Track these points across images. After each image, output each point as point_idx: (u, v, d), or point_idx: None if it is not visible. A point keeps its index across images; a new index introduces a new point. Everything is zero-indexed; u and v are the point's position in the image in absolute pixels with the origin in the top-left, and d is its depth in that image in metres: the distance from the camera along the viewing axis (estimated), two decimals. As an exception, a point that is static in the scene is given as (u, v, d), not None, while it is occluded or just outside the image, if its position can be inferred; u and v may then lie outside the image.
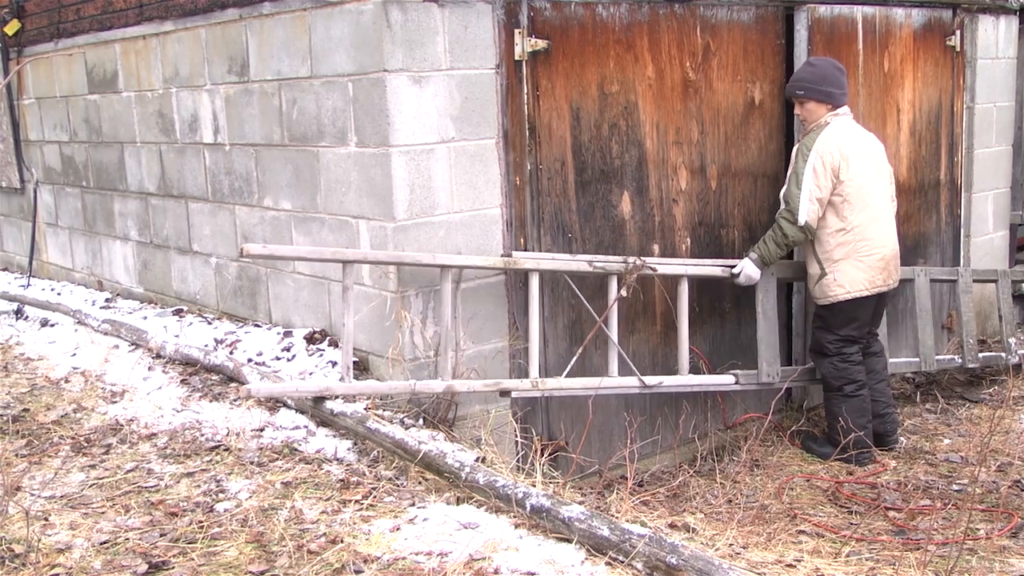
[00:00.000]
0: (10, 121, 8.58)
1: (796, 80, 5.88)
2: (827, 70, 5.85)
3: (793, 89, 5.87)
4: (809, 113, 5.85)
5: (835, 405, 5.89)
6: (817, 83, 5.79)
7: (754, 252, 5.84)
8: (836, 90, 5.85)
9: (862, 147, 5.85)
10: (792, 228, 5.72)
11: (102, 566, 3.42)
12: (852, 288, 5.78)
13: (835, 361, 5.87)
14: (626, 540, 3.32)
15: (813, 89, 5.80)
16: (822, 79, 5.80)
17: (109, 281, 7.68)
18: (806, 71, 5.89)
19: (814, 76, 5.82)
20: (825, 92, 5.80)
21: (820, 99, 5.80)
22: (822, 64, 5.90)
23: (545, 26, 5.19)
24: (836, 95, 5.85)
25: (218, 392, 5.17)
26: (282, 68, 5.37)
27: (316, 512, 3.78)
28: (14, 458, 4.60)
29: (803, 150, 5.76)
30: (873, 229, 5.79)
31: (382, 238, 4.89)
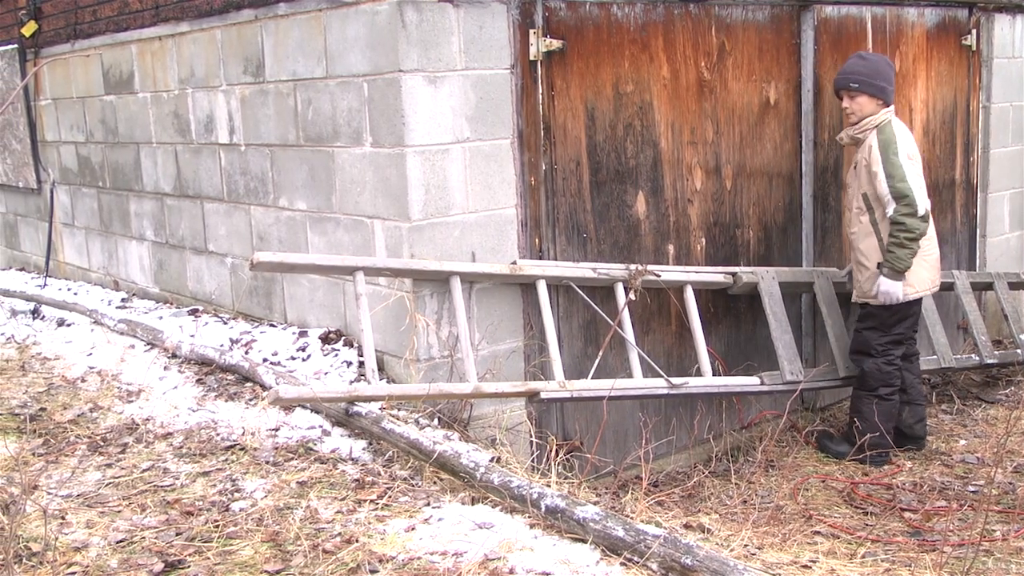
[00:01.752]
0: (27, 122, 8.62)
1: (850, 72, 5.77)
2: (881, 65, 5.80)
3: (847, 81, 5.76)
4: (859, 107, 5.75)
5: (865, 405, 5.80)
6: (872, 77, 5.71)
7: (885, 267, 5.65)
8: (889, 86, 5.77)
9: (916, 148, 5.90)
10: (915, 220, 5.54)
11: (118, 565, 3.43)
12: (920, 287, 5.78)
13: (880, 363, 5.81)
14: (641, 540, 3.31)
15: (867, 83, 5.71)
16: (876, 73, 5.73)
17: (125, 281, 7.70)
18: (859, 64, 5.79)
19: (868, 70, 5.74)
20: (879, 87, 5.72)
21: (873, 93, 5.71)
22: (875, 59, 5.85)
23: (560, 26, 5.19)
24: (888, 91, 5.77)
25: (234, 392, 5.19)
26: (297, 68, 5.38)
27: (331, 512, 3.78)
28: (31, 457, 4.62)
29: (887, 144, 5.62)
30: (932, 229, 5.83)
31: (397, 238, 4.90)
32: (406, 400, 4.74)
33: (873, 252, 5.75)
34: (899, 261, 5.59)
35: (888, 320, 5.81)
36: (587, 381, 5.19)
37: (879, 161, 5.61)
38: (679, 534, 3.49)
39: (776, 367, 5.88)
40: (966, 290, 7.00)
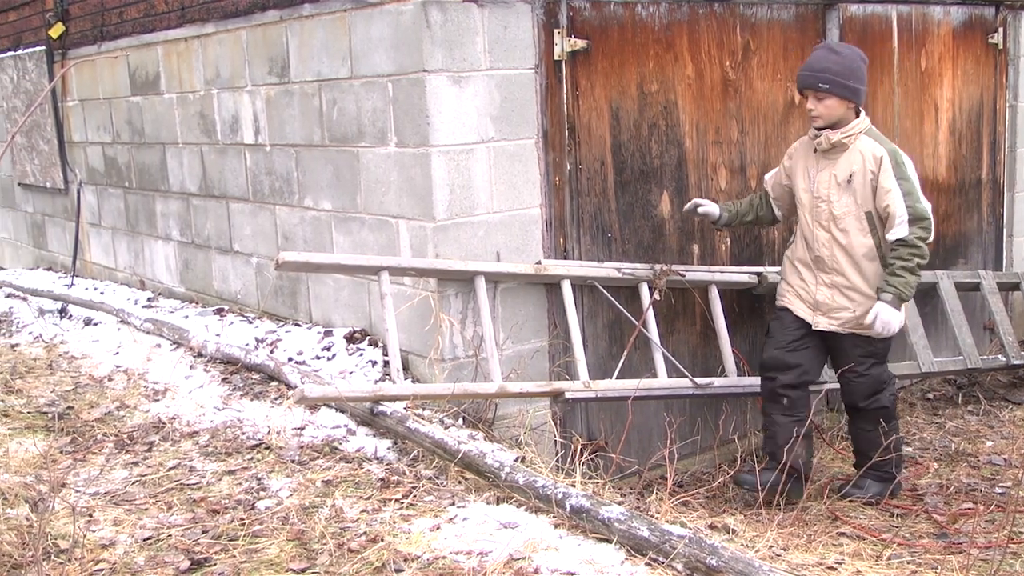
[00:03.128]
0: (54, 123, 8.68)
1: (819, 70, 4.89)
2: (855, 62, 4.93)
3: (815, 81, 4.88)
4: (828, 111, 4.89)
5: (893, 435, 5.10)
6: (844, 76, 4.85)
7: (887, 293, 4.86)
8: (863, 87, 4.96)
9: None
10: (926, 248, 4.90)
11: (145, 562, 3.45)
12: (904, 314, 5.20)
13: (893, 389, 5.23)
14: (666, 541, 3.31)
15: (839, 84, 4.85)
16: (849, 72, 4.87)
17: (151, 280, 7.75)
18: (830, 60, 4.89)
19: (841, 67, 4.86)
20: (852, 89, 4.88)
21: (845, 96, 4.87)
22: (848, 54, 4.95)
23: (584, 26, 5.19)
24: (863, 93, 4.97)
25: (259, 391, 5.21)
26: (322, 69, 5.40)
27: (356, 511, 3.79)
28: (59, 455, 4.65)
29: (897, 156, 4.89)
30: None
31: (422, 238, 4.91)
32: (431, 400, 4.75)
33: (876, 279, 5.00)
34: (908, 288, 4.86)
35: (886, 350, 5.18)
36: (612, 381, 5.19)
37: (891, 176, 4.84)
38: (704, 535, 3.48)
39: (801, 367, 5.85)
40: (992, 290, 6.96)
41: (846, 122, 4.91)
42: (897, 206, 4.82)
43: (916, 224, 4.82)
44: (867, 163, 4.88)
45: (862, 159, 4.89)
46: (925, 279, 6.64)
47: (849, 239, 4.97)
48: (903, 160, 4.88)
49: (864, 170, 4.89)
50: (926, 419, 6.64)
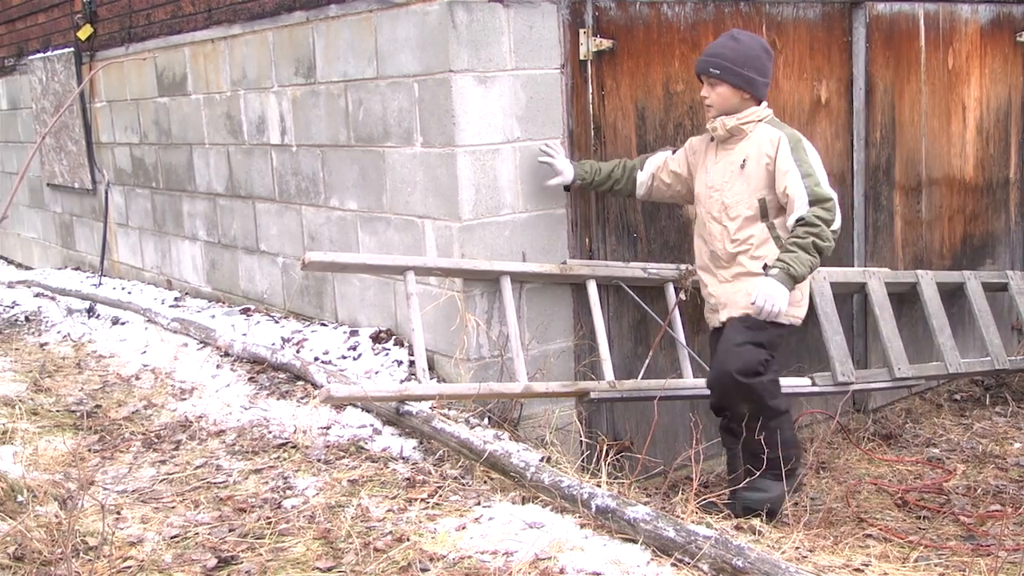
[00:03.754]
0: (82, 124, 8.74)
1: (713, 55, 4.69)
2: (753, 50, 4.69)
3: (706, 66, 4.69)
4: (720, 99, 4.68)
5: (785, 429, 4.77)
6: (738, 64, 4.63)
7: (776, 268, 4.51)
8: (760, 77, 4.69)
9: None
10: (828, 232, 4.54)
11: (172, 560, 3.47)
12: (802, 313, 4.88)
13: (775, 377, 4.78)
14: (692, 541, 3.30)
15: (731, 71, 4.63)
16: (744, 60, 4.64)
17: (178, 280, 7.79)
18: (726, 47, 4.69)
19: (736, 55, 4.64)
20: (746, 78, 4.64)
21: (737, 84, 4.64)
22: (748, 42, 4.72)
23: (610, 26, 5.18)
24: (758, 84, 4.69)
25: (285, 390, 5.23)
26: (348, 69, 5.42)
27: (382, 510, 3.80)
28: (87, 453, 4.69)
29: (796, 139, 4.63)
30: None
31: (447, 238, 4.92)
32: (456, 399, 4.75)
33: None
34: (799, 265, 4.46)
35: (769, 339, 4.71)
36: (637, 381, 5.18)
37: (788, 158, 4.57)
38: (730, 536, 3.47)
39: (827, 368, 5.83)
40: (1020, 291, 6.91)
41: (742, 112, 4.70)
42: (795, 187, 4.53)
43: (816, 204, 4.50)
44: (763, 147, 4.64)
45: (758, 145, 4.66)
46: (951, 279, 6.62)
47: (740, 227, 4.70)
48: (803, 143, 4.62)
49: (759, 154, 4.64)
50: (953, 420, 6.60)
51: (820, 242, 4.48)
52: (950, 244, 7.06)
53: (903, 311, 6.53)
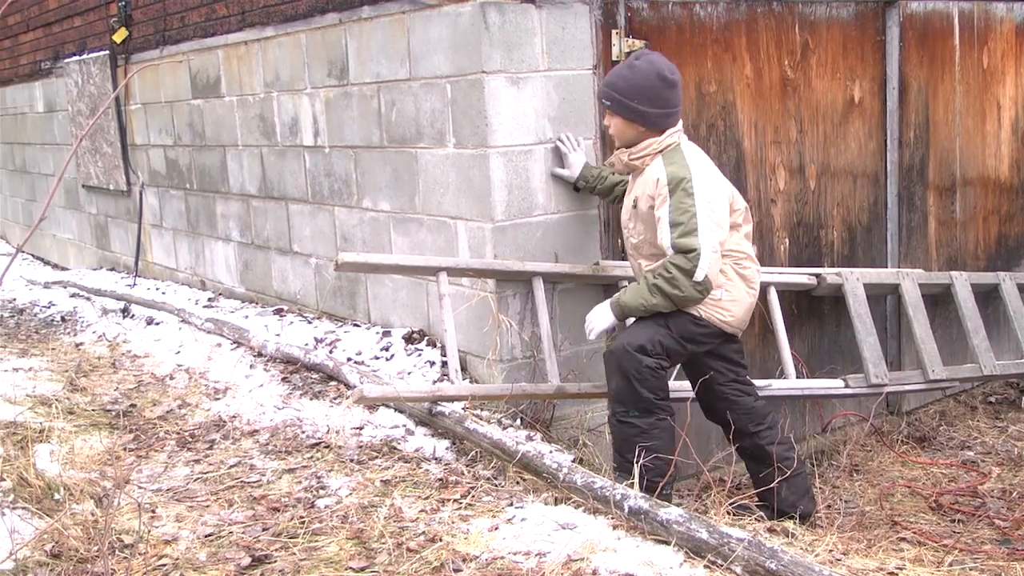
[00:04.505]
0: (117, 126, 8.81)
1: (606, 84, 4.44)
2: (647, 80, 4.31)
3: (600, 96, 4.51)
4: (616, 130, 4.45)
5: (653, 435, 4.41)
6: (628, 96, 4.32)
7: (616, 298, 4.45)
8: (653, 110, 4.31)
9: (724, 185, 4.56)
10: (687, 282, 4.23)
11: (207, 558, 3.49)
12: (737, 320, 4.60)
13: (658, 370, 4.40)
14: (725, 543, 3.29)
15: (621, 103, 4.35)
16: (636, 92, 4.30)
17: (211, 281, 7.84)
18: (620, 76, 4.38)
19: (628, 85, 4.32)
20: (637, 112, 4.33)
21: (630, 118, 4.36)
22: (644, 70, 4.33)
23: (642, 26, 5.17)
24: (651, 117, 4.33)
25: (318, 390, 5.25)
26: (381, 71, 5.43)
27: (415, 510, 3.81)
28: (123, 452, 4.73)
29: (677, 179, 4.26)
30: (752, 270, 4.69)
31: (480, 239, 4.93)
32: (488, 400, 4.76)
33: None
34: (633, 300, 4.33)
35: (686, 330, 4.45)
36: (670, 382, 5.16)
37: (665, 203, 4.25)
38: (763, 538, 3.46)
39: (860, 370, 5.79)
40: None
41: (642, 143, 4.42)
42: (663, 236, 4.25)
43: (680, 254, 4.20)
44: (647, 188, 4.37)
45: (644, 185, 4.40)
46: (986, 280, 6.55)
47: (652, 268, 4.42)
48: (684, 185, 4.22)
49: (645, 195, 4.38)
50: (988, 423, 6.55)
51: (666, 287, 4.23)
52: (984, 245, 7.01)
53: (937, 312, 6.48)
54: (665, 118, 4.36)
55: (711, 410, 4.69)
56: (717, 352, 4.56)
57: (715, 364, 4.58)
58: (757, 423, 4.64)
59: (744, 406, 4.63)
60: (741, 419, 4.62)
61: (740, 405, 4.63)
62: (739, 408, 4.62)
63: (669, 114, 4.36)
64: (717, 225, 4.25)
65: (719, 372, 4.58)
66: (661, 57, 4.43)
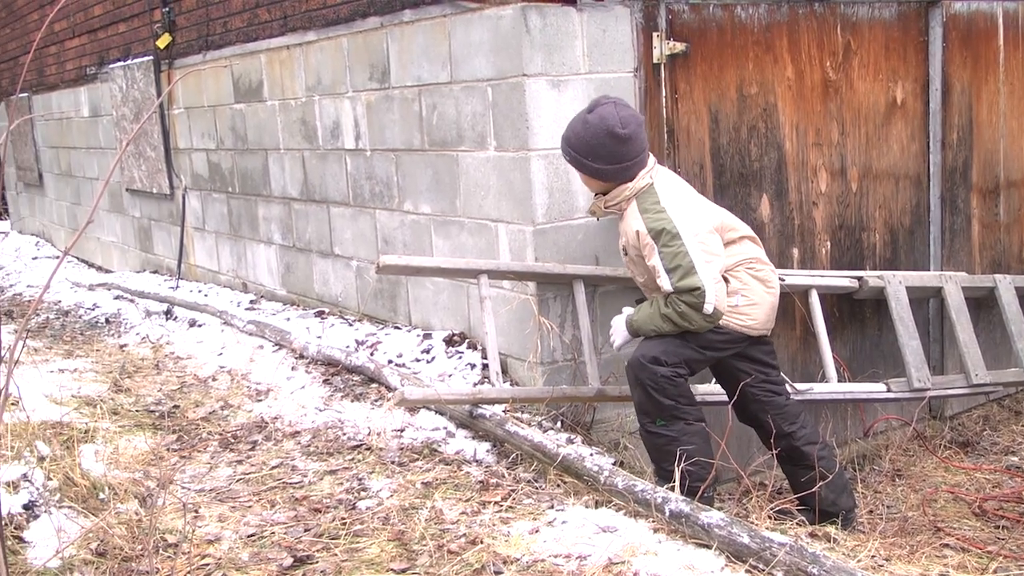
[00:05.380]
0: (161, 131, 8.90)
1: (564, 138, 4.41)
2: (597, 137, 4.24)
3: (561, 150, 4.47)
4: (586, 183, 4.55)
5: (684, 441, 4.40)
6: (584, 155, 4.30)
7: (634, 315, 4.48)
8: (609, 167, 4.28)
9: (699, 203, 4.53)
10: (697, 315, 4.26)
11: (249, 558, 3.52)
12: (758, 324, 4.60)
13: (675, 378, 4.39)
14: (766, 548, 3.27)
15: (579, 162, 4.35)
16: (589, 151, 4.27)
17: (253, 283, 7.90)
18: (574, 130, 4.34)
19: (580, 143, 4.29)
20: (593, 168, 4.31)
21: (591, 175, 4.37)
22: (595, 127, 4.25)
23: (683, 29, 5.16)
24: (608, 173, 4.30)
25: (359, 392, 5.28)
26: (422, 74, 5.45)
27: (456, 512, 3.82)
28: (166, 452, 4.77)
29: (657, 229, 4.23)
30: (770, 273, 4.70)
31: (521, 242, 4.93)
32: (529, 403, 4.77)
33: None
34: (645, 322, 4.37)
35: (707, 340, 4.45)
36: (711, 386, 5.14)
37: (653, 250, 4.24)
38: (805, 543, 3.44)
39: (901, 374, 5.74)
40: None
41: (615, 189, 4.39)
42: (663, 282, 4.23)
43: (683, 293, 4.20)
44: (630, 238, 4.37)
45: (626, 234, 4.42)
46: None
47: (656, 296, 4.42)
48: (666, 233, 4.19)
49: (631, 245, 4.41)
50: (1034, 428, 6.47)
51: (678, 320, 4.24)
52: (1030, 248, 6.93)
53: (980, 316, 6.42)
54: (624, 171, 4.30)
55: (744, 412, 4.67)
56: (745, 354, 4.55)
57: (744, 366, 4.57)
58: (790, 423, 4.62)
59: (776, 406, 4.62)
60: (775, 420, 4.60)
61: (772, 405, 4.61)
62: (772, 408, 4.61)
63: (627, 167, 4.29)
64: (712, 254, 4.25)
65: (748, 374, 4.57)
66: (615, 108, 4.28)
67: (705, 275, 4.18)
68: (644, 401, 4.35)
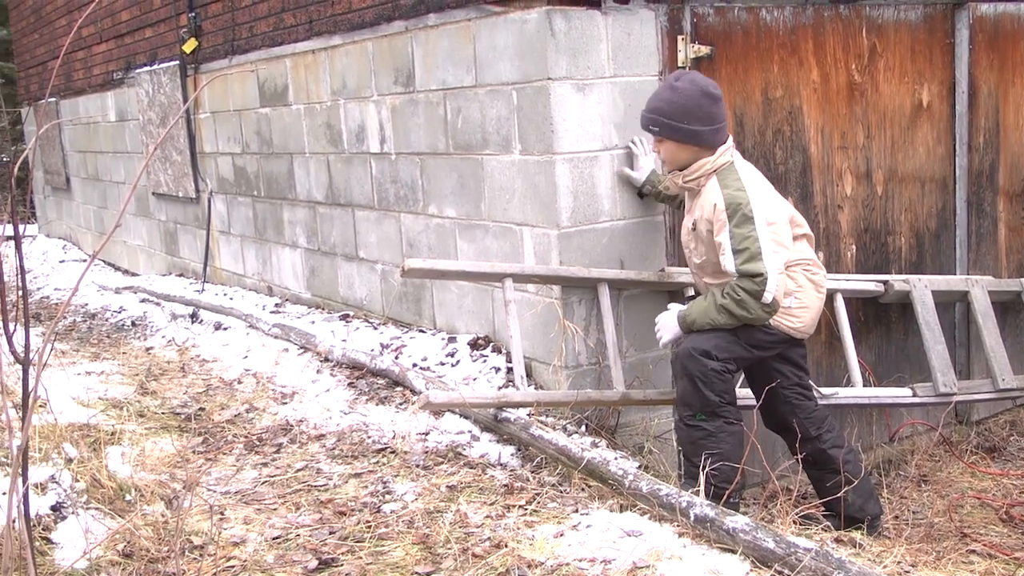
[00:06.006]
0: (187, 135, 8.95)
1: (650, 110, 4.37)
2: (693, 99, 4.28)
3: (646, 124, 4.40)
4: (669, 155, 4.41)
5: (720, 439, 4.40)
6: (677, 118, 4.28)
7: (687, 308, 4.46)
8: (705, 127, 4.28)
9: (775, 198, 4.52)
10: (755, 304, 4.23)
11: (274, 560, 3.53)
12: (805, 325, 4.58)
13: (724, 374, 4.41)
14: (792, 553, 3.26)
15: (671, 127, 4.30)
16: (684, 113, 4.27)
17: (278, 286, 7.93)
18: (663, 98, 4.34)
19: (674, 108, 4.28)
20: (689, 132, 4.29)
21: (682, 140, 4.32)
22: (687, 91, 4.29)
23: (708, 32, 5.15)
24: (704, 135, 4.29)
25: (384, 396, 5.29)
26: (447, 78, 5.47)
27: (480, 516, 3.83)
28: (192, 455, 4.80)
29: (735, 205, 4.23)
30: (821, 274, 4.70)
31: (546, 245, 4.94)
32: (554, 406, 4.77)
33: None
34: (700, 316, 4.33)
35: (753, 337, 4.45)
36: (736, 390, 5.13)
37: (725, 228, 4.23)
38: (830, 548, 3.42)
39: (927, 378, 5.71)
40: None
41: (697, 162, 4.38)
42: (727, 263, 4.23)
43: (745, 278, 4.19)
44: (706, 211, 4.34)
45: (702, 208, 4.38)
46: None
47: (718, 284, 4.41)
48: (743, 209, 4.19)
49: (703, 219, 4.37)
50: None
51: (735, 309, 4.22)
52: (1058, 252, 6.88)
53: (1007, 320, 6.38)
54: (715, 134, 4.32)
55: (773, 415, 4.66)
56: (784, 355, 4.55)
57: (781, 367, 4.56)
58: (818, 427, 4.62)
59: (806, 410, 4.61)
60: (803, 423, 4.59)
61: (802, 409, 4.61)
62: (801, 412, 4.60)
63: (718, 130, 4.33)
64: (780, 245, 4.25)
65: (784, 376, 4.56)
66: (699, 75, 4.46)
67: (770, 263, 4.17)
68: (688, 392, 4.33)
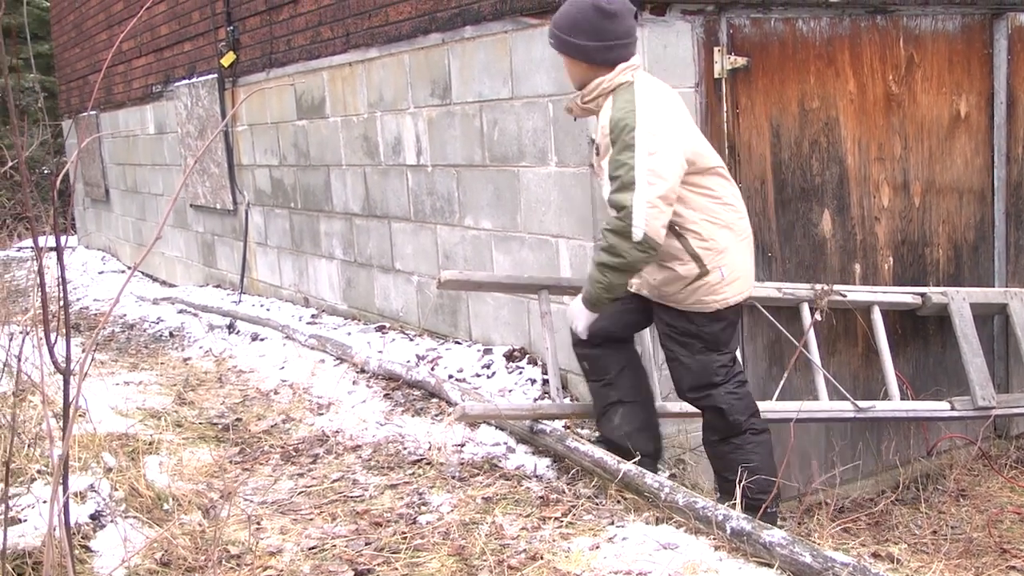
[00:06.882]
0: (224, 147, 9.03)
1: (552, 22, 4.05)
2: (583, 12, 3.91)
3: (548, 36, 4.09)
4: (568, 71, 4.09)
5: (749, 451, 4.22)
6: (568, 32, 3.94)
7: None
8: (592, 43, 3.91)
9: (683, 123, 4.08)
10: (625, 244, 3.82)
11: (310, 570, 3.54)
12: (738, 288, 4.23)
13: (732, 388, 4.24)
14: (829, 568, 3.24)
15: (561, 39, 3.98)
16: (572, 27, 3.93)
17: (315, 298, 7.97)
18: (560, 12, 4.01)
19: (565, 21, 3.96)
20: (575, 46, 3.94)
21: (575, 56, 3.97)
22: (581, 3, 3.92)
23: (744, 43, 5.14)
24: (591, 51, 3.93)
25: (420, 407, 5.30)
26: (483, 90, 5.49)
27: (516, 528, 3.82)
28: (229, 464, 4.82)
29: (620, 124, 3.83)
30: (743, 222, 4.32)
31: (581, 257, 4.94)
32: (589, 418, 4.76)
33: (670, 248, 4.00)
34: (594, 288, 3.97)
35: (718, 334, 4.20)
36: (772, 403, 5.11)
37: (610, 147, 3.84)
38: (868, 563, 3.40)
39: (965, 392, 5.65)
40: None
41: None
42: (604, 186, 3.89)
43: (612, 211, 3.80)
44: (598, 136, 4.00)
45: (598, 131, 4.01)
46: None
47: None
48: (625, 125, 3.80)
49: (601, 145, 3.98)
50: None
51: (609, 259, 3.85)
52: (1099, 264, 6.81)
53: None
54: (607, 51, 3.92)
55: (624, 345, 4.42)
56: None
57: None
58: None
59: None
60: None
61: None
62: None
63: (611, 46, 3.92)
64: (658, 177, 3.77)
65: None
66: None
67: (640, 196, 3.74)
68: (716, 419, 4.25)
